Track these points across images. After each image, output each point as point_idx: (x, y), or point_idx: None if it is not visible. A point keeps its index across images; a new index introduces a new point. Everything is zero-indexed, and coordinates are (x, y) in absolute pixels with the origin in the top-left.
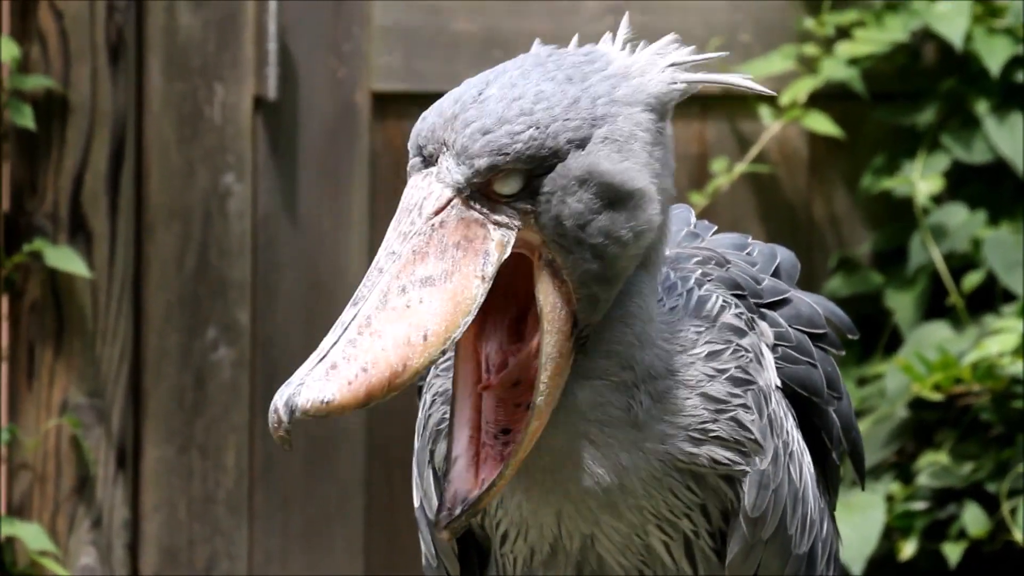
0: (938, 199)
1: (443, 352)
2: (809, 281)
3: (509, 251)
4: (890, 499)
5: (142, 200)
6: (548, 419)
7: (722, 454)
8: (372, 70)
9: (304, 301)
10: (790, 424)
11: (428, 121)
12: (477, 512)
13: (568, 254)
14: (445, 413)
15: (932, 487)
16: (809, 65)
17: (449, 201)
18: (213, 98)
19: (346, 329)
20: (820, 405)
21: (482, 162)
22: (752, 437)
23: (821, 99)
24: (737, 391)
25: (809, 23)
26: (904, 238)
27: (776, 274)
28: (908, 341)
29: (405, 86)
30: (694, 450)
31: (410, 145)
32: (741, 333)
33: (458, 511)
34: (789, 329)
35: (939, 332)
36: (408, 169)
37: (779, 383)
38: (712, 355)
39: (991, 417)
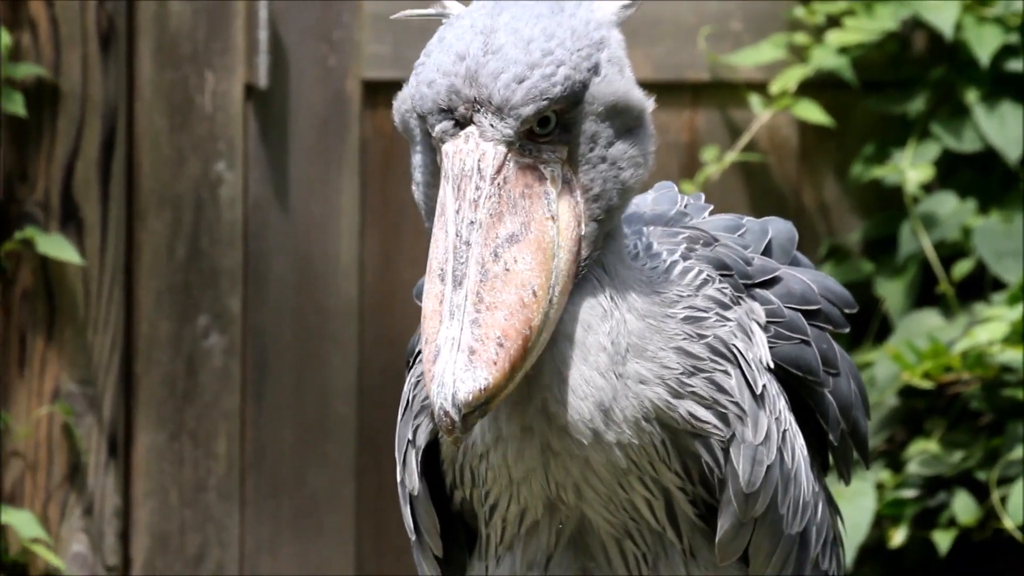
0: (928, 187)
1: (551, 302)
2: None
3: (561, 183)
4: (880, 487)
5: (133, 188)
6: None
7: (702, 412)
8: (363, 58)
9: (295, 288)
10: (782, 404)
11: (441, 83)
12: (485, 413)
13: (591, 176)
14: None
15: (922, 475)
16: (799, 54)
17: (505, 157)
18: (204, 86)
19: (464, 311)
20: (814, 387)
21: (527, 110)
22: (734, 400)
23: (811, 88)
24: (716, 358)
25: (799, 12)
26: (894, 226)
27: (768, 250)
28: (898, 329)
29: (396, 74)
30: (672, 400)
31: (425, 110)
32: (725, 306)
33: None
34: (781, 307)
35: (929, 320)
36: (437, 134)
37: (771, 364)
38: (691, 320)
39: (981, 405)
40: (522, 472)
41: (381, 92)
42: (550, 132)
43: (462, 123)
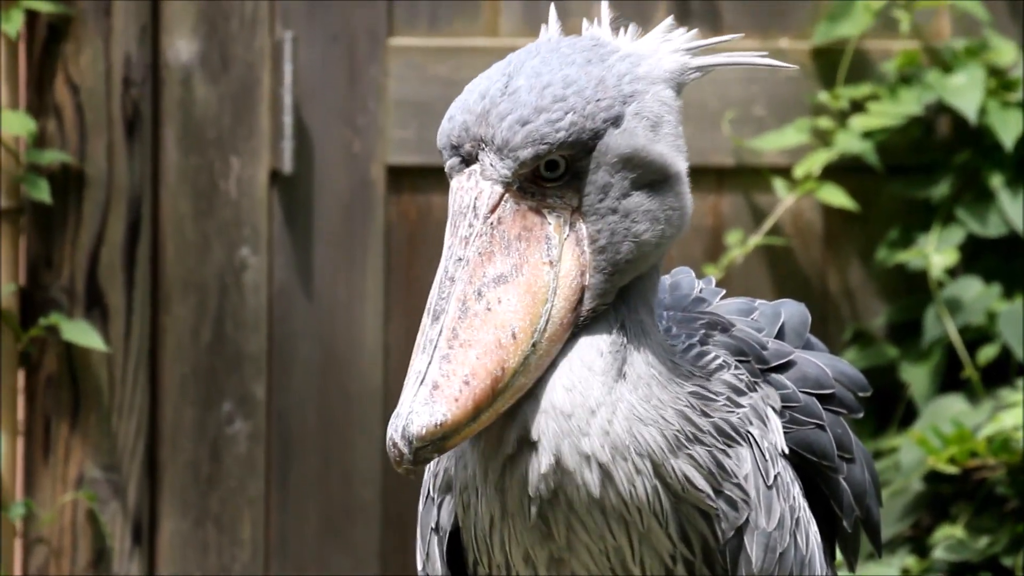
0: (953, 272)
1: (535, 345)
2: None
3: (568, 229)
4: (906, 572)
5: (158, 274)
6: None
7: (700, 482)
8: (387, 143)
9: (320, 374)
10: (796, 491)
11: (458, 119)
12: (441, 450)
13: (599, 227)
14: (450, 469)
15: (948, 561)
16: (823, 138)
17: (501, 197)
18: (229, 172)
19: (436, 346)
20: (829, 473)
21: (526, 153)
22: (736, 483)
23: (835, 172)
24: (720, 438)
25: (823, 96)
26: (919, 311)
27: (780, 333)
28: (923, 414)
29: (420, 159)
30: (666, 452)
31: (441, 145)
32: (739, 392)
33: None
34: (796, 391)
35: (954, 405)
36: (447, 170)
37: (786, 449)
38: (699, 396)
39: (1007, 491)
40: (499, 468)
41: (405, 177)
42: (559, 177)
43: (468, 161)
